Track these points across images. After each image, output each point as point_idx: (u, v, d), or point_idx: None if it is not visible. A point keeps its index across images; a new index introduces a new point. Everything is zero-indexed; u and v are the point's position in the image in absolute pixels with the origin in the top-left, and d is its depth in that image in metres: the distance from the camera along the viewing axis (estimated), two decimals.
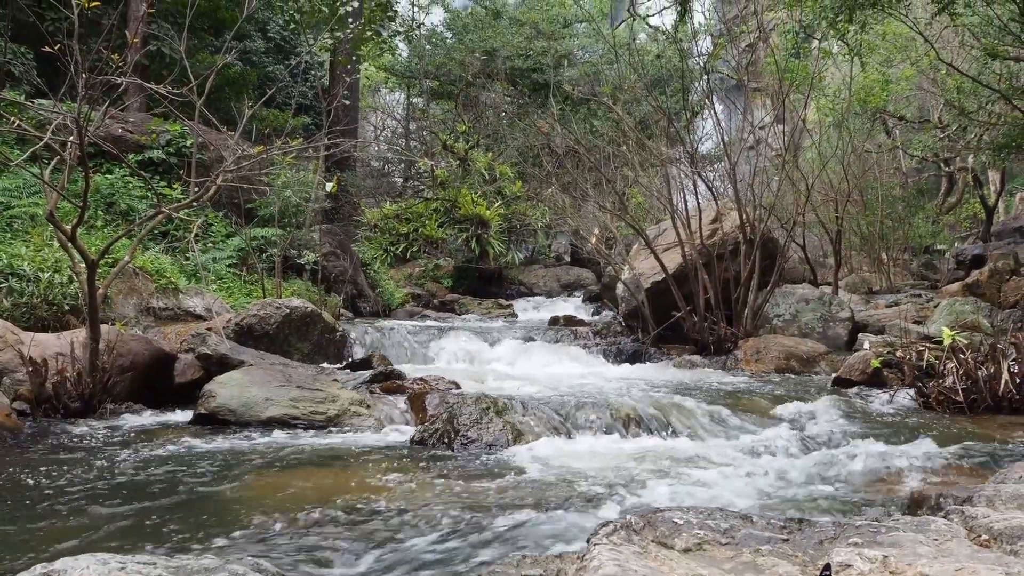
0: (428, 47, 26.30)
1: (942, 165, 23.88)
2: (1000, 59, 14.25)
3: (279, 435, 5.61)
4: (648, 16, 31.29)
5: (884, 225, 19.08)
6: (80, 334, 6.64)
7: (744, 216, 10.34)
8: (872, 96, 19.91)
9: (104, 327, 6.68)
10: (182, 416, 6.35)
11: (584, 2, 29.43)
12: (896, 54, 20.20)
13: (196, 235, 11.36)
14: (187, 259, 11.28)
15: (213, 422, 5.92)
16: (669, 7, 31.29)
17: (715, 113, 12.03)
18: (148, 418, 6.33)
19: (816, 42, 19.54)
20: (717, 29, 26.64)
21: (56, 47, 5.94)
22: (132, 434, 5.66)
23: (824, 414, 6.33)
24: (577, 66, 25.48)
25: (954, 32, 16.82)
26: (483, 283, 18.82)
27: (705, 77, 14.68)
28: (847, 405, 6.76)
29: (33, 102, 9.92)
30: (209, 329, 7.77)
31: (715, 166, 15.49)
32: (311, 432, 5.75)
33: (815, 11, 12.52)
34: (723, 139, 11.58)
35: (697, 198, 11.19)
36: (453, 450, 5.15)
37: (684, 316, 10.21)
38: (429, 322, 13.17)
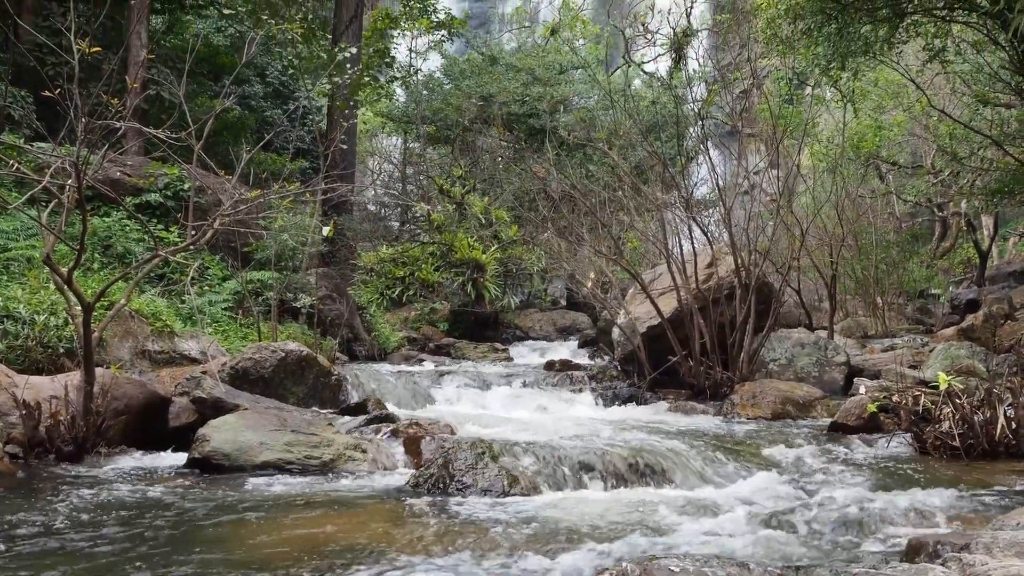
0: (425, 92, 26.51)
1: (935, 210, 24.04)
2: (991, 105, 14.41)
3: (273, 480, 5.58)
4: (643, 63, 31.64)
5: (879, 269, 19.14)
6: (75, 377, 6.62)
7: (739, 261, 10.38)
8: (865, 142, 20.09)
9: (99, 370, 6.66)
10: (176, 460, 6.31)
11: (580, 49, 29.75)
12: (888, 100, 20.42)
13: (192, 278, 11.36)
14: (183, 302, 11.28)
15: (207, 466, 5.88)
16: (664, 54, 31.66)
17: (710, 158, 12.11)
18: (141, 462, 6.29)
19: (809, 89, 19.73)
20: (711, 76, 26.89)
21: (56, 91, 5.99)
22: (124, 479, 5.62)
23: (820, 460, 6.32)
24: (573, 112, 25.68)
25: (945, 79, 17.01)
26: (479, 327, 18.80)
27: (700, 123, 14.80)
28: (843, 451, 6.75)
29: (32, 145, 9.98)
30: (204, 372, 7.74)
31: (710, 211, 15.56)
32: (306, 477, 5.72)
33: (808, 58, 12.67)
34: (718, 184, 11.64)
35: (692, 243, 11.22)
36: (448, 495, 5.12)
37: (680, 360, 10.20)
38: (425, 366, 13.16)
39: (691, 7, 31.29)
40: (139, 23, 16.16)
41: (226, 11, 20.08)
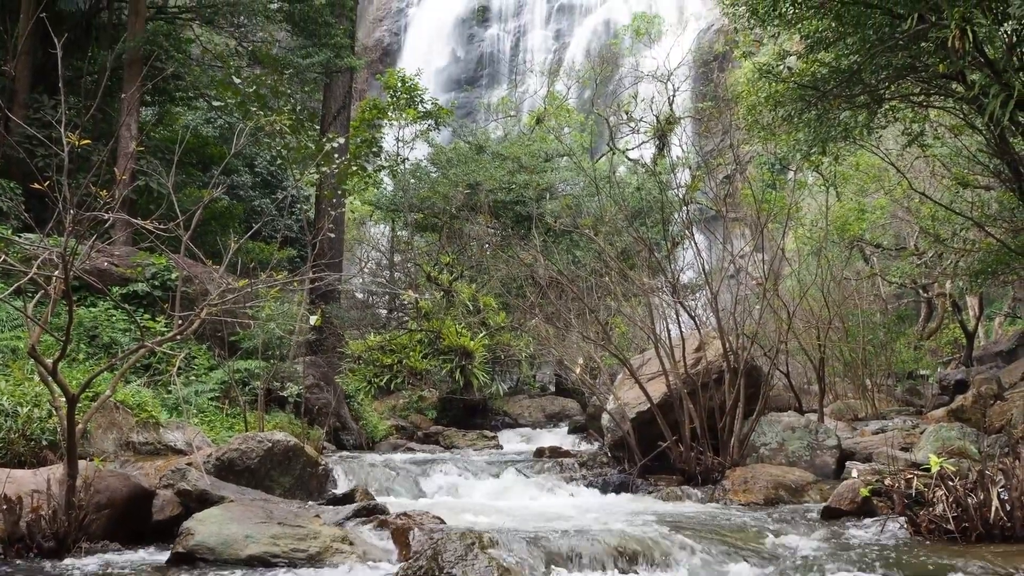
0: (412, 181, 26.73)
1: (920, 291, 24.19)
2: (971, 188, 14.64)
3: (259, 574, 5.47)
4: (628, 150, 32.15)
5: (866, 351, 19.14)
6: (57, 470, 6.52)
7: (727, 344, 10.39)
8: (849, 225, 20.32)
9: (82, 463, 6.56)
10: (159, 555, 6.19)
11: (565, 137, 30.20)
12: (870, 184, 20.71)
13: (179, 368, 11.28)
14: (169, 392, 11.18)
15: (191, 561, 5.77)
16: (648, 141, 32.21)
17: (695, 243, 12.21)
18: (124, 558, 6.16)
19: (792, 173, 20.04)
20: (695, 162, 27.31)
21: (46, 183, 6.03)
22: None
23: (815, 546, 6.24)
24: (559, 198, 25.91)
25: (925, 162, 17.31)
26: (468, 414, 18.65)
27: (684, 208, 14.97)
28: (838, 536, 6.67)
29: (20, 237, 10.00)
30: (189, 464, 7.65)
31: (697, 295, 15.63)
32: (292, 571, 5.61)
33: (790, 144, 12.87)
34: (704, 268, 11.72)
35: (680, 327, 11.23)
36: None
37: (670, 446, 10.13)
38: (413, 455, 13.02)
39: (674, 95, 31.98)
40: (129, 115, 16.37)
41: (215, 103, 20.43)
